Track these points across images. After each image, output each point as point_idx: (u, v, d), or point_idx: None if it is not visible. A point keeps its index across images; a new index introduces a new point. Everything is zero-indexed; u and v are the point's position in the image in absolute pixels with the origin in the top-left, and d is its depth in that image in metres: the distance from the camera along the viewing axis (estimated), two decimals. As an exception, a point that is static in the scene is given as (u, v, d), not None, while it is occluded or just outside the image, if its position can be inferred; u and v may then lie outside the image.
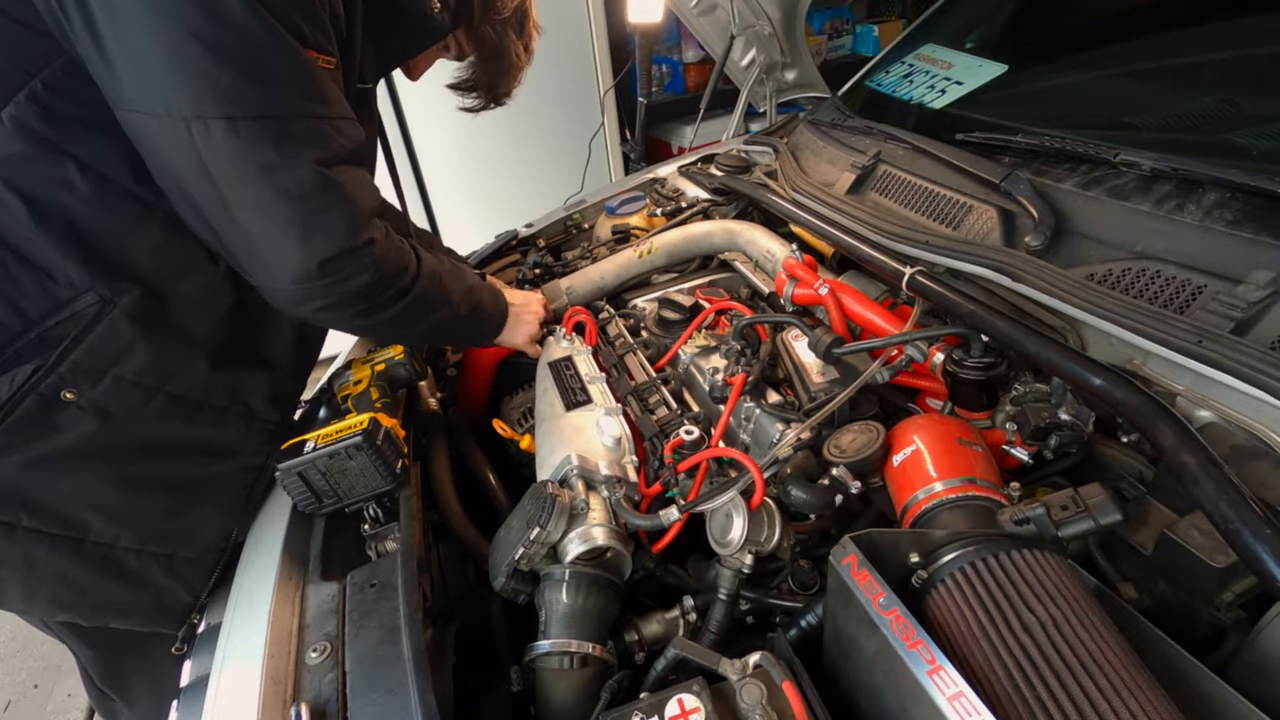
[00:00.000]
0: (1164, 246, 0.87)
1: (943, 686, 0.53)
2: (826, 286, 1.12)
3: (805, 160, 1.54)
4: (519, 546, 0.83)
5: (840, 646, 0.71)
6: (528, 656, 0.79)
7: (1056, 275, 0.90)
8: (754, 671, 0.64)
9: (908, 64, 1.55)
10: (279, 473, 0.93)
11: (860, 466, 0.84)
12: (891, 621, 0.58)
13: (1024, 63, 1.40)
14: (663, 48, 3.64)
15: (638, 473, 0.98)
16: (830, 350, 1.01)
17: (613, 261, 1.47)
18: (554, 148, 3.37)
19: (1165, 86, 1.23)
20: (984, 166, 1.10)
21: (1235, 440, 0.73)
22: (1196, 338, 0.74)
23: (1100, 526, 0.67)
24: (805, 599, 0.87)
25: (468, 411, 1.39)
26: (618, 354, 1.25)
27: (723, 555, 0.85)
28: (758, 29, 2.35)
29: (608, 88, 3.27)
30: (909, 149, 1.29)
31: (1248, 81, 1.12)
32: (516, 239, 1.81)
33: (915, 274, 1.01)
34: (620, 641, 0.84)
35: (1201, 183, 0.88)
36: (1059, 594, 0.61)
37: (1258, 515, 0.57)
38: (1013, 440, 0.87)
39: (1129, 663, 0.56)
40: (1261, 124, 1.00)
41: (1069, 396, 0.87)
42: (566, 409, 1.04)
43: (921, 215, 1.18)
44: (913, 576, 0.67)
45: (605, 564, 0.85)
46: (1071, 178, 1.01)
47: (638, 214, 1.75)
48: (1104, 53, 1.37)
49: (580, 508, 0.86)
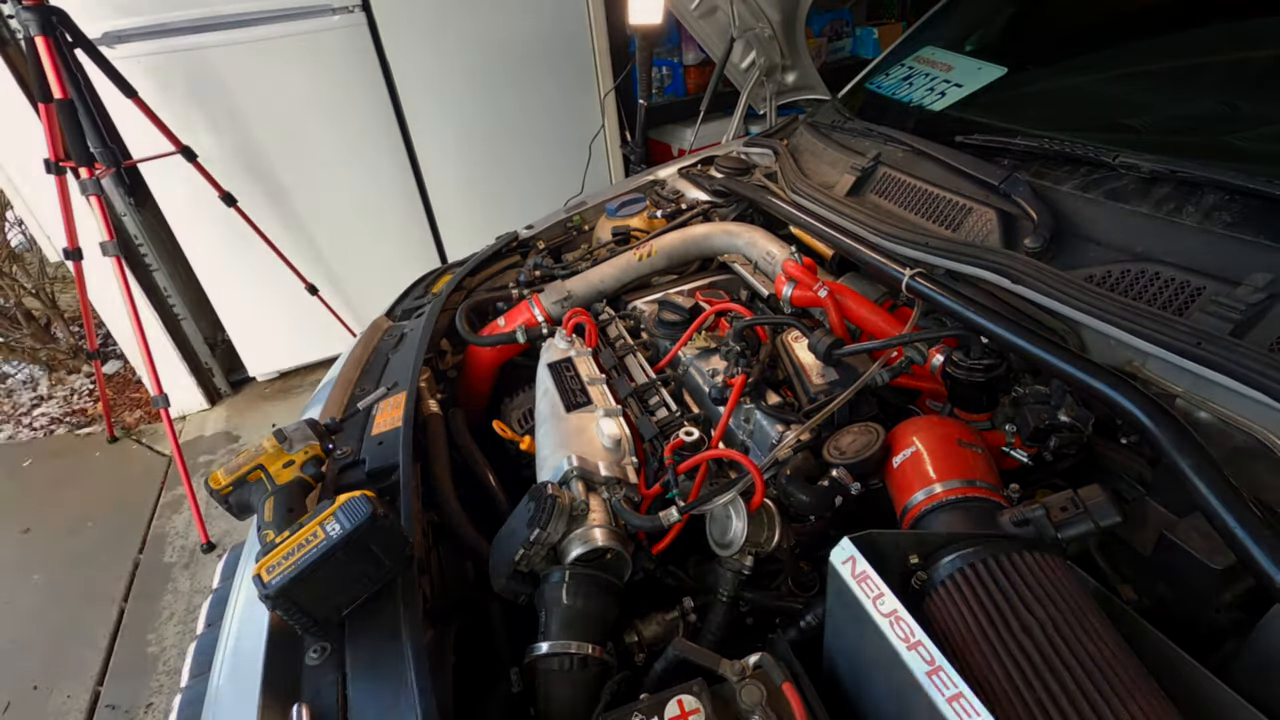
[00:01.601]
0: (1163, 248, 0.87)
1: (942, 687, 0.53)
2: (826, 288, 1.13)
3: (805, 162, 1.54)
4: (519, 547, 0.83)
5: (840, 648, 0.71)
6: (528, 658, 0.79)
7: (1056, 277, 0.90)
8: (754, 672, 0.64)
9: (907, 66, 1.56)
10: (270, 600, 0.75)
11: (860, 468, 0.84)
12: (891, 622, 0.58)
13: (1023, 65, 1.40)
14: (663, 50, 3.65)
15: (638, 474, 0.98)
16: (830, 352, 1.01)
17: (613, 264, 1.48)
18: (554, 150, 3.38)
19: (1164, 89, 1.23)
20: (983, 169, 1.11)
21: (1234, 442, 0.73)
22: (1195, 339, 0.74)
23: (1099, 528, 0.67)
24: (805, 600, 0.87)
25: (468, 412, 1.39)
26: (618, 355, 1.25)
27: (723, 557, 0.85)
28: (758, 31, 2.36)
29: (608, 90, 3.28)
30: (909, 151, 1.29)
31: (1246, 84, 1.12)
32: (516, 241, 1.81)
33: (915, 276, 1.01)
34: (620, 643, 0.84)
35: (1200, 185, 0.88)
36: (1058, 595, 0.61)
37: (1256, 517, 0.57)
38: (1012, 442, 0.87)
39: (1128, 664, 0.56)
40: (1260, 126, 1.00)
41: (1068, 398, 0.87)
42: (566, 410, 1.05)
43: (921, 217, 1.18)
44: (912, 577, 0.67)
45: (605, 565, 0.85)
46: (1071, 180, 1.02)
47: (638, 216, 1.75)
48: (1103, 55, 1.38)
49: (580, 509, 0.86)
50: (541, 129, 3.34)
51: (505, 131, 3.26)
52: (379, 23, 2.83)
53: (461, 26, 2.96)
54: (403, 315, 1.64)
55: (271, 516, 0.89)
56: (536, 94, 3.25)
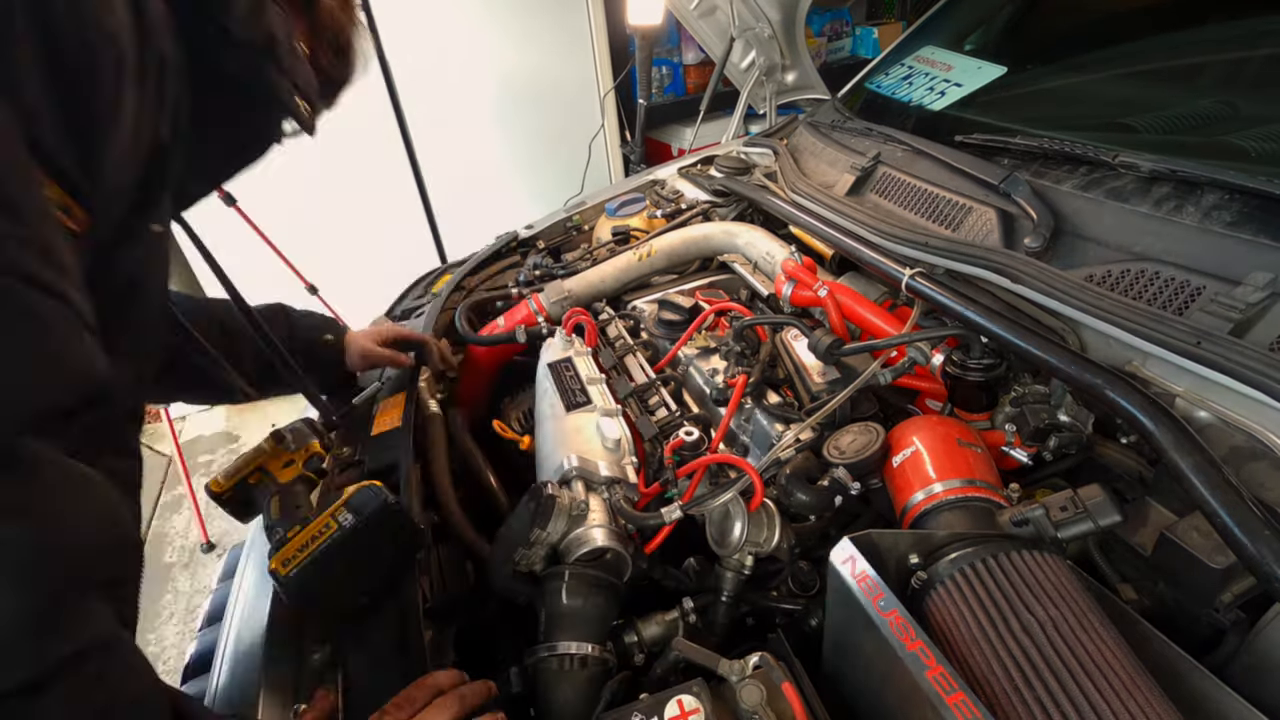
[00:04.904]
0: (1163, 248, 0.87)
1: (942, 687, 0.53)
2: (825, 288, 1.13)
3: (805, 162, 1.54)
4: (519, 547, 0.83)
5: (840, 647, 0.71)
6: (528, 658, 0.79)
7: (1055, 277, 0.90)
8: (754, 673, 0.64)
9: (907, 66, 1.56)
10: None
11: (860, 467, 0.84)
12: (891, 622, 0.58)
13: (1023, 65, 1.40)
14: (663, 50, 3.65)
15: (638, 474, 0.98)
16: (830, 351, 1.01)
17: (613, 264, 1.47)
18: (554, 149, 3.38)
19: (1164, 88, 1.23)
20: (983, 168, 1.11)
21: (1234, 441, 0.73)
22: (1195, 339, 0.74)
23: (1099, 528, 0.67)
24: (805, 600, 0.87)
25: (468, 412, 1.39)
26: (617, 355, 1.25)
27: (723, 556, 0.85)
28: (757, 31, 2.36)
29: (608, 90, 3.28)
30: (908, 151, 1.29)
31: (1246, 83, 1.12)
32: (516, 240, 1.81)
33: (914, 275, 1.01)
34: (620, 643, 0.84)
35: (1200, 184, 0.88)
36: (1058, 595, 0.61)
37: (1256, 516, 0.57)
38: (1012, 441, 0.87)
39: (1128, 664, 0.56)
40: (1259, 125, 1.00)
41: (1068, 398, 0.87)
42: (566, 410, 1.04)
43: (921, 217, 1.18)
44: (912, 577, 0.67)
45: (605, 565, 0.85)
46: (1070, 179, 1.02)
47: (637, 215, 1.75)
48: (1103, 55, 1.38)
49: (580, 509, 0.86)
50: (541, 128, 3.34)
51: (505, 131, 3.26)
52: (379, 22, 2.82)
53: (462, 26, 2.96)
54: (403, 315, 1.64)
55: (279, 514, 0.90)
56: (536, 93, 3.25)
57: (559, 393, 1.09)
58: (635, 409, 1.11)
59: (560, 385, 1.11)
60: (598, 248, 1.69)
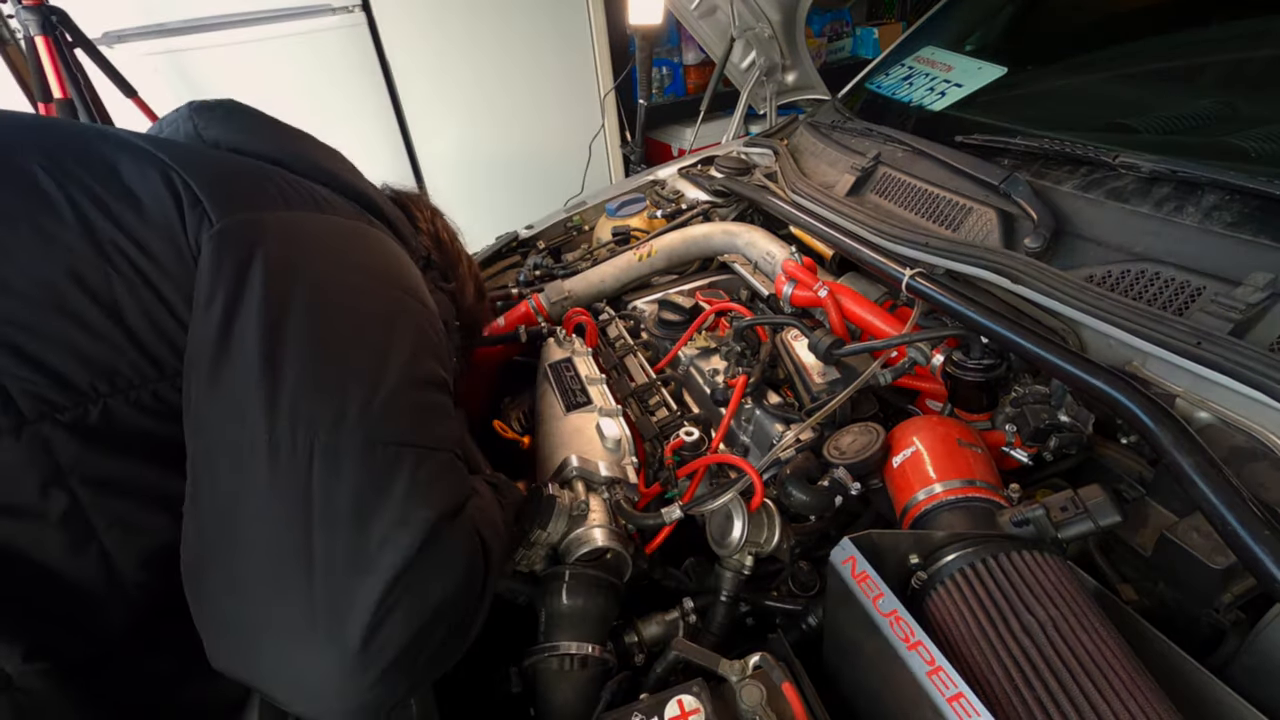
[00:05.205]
0: (1163, 248, 0.87)
1: (942, 687, 0.53)
2: (825, 288, 1.13)
3: (805, 162, 1.54)
4: (518, 547, 0.83)
5: (840, 648, 0.71)
6: (528, 658, 0.79)
7: (1056, 277, 0.90)
8: (754, 673, 0.64)
9: (907, 66, 1.56)
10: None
11: (860, 468, 0.84)
12: (891, 622, 0.58)
13: (1023, 65, 1.40)
14: (663, 50, 3.65)
15: (638, 474, 0.98)
16: (830, 351, 1.01)
17: (613, 264, 1.47)
18: (554, 149, 3.37)
19: (1164, 89, 1.23)
20: (983, 169, 1.11)
21: (1234, 442, 0.73)
22: (1195, 339, 0.74)
23: (1100, 528, 0.67)
24: (805, 600, 0.87)
25: (468, 411, 1.39)
26: (618, 355, 1.25)
27: (723, 557, 0.85)
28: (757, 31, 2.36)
29: (608, 90, 3.28)
30: (909, 151, 1.29)
31: (1246, 84, 1.12)
32: (517, 241, 1.81)
33: (915, 276, 1.01)
34: (620, 643, 0.84)
35: (1200, 185, 0.88)
36: (1058, 595, 0.61)
37: (1257, 517, 0.57)
38: (1012, 442, 0.87)
39: (1128, 664, 0.56)
40: (1260, 126, 1.00)
41: (1068, 398, 0.87)
42: (567, 410, 1.05)
43: (921, 217, 1.18)
44: (912, 578, 0.67)
45: (605, 565, 0.85)
46: (1071, 180, 1.02)
47: (638, 216, 1.75)
48: (1103, 55, 1.38)
49: (580, 509, 0.86)
50: (542, 128, 3.34)
51: (505, 131, 3.26)
52: (379, 22, 2.83)
53: (462, 26, 2.96)
54: (403, 315, 1.63)
55: None
56: (536, 94, 3.25)
57: (559, 393, 1.09)
58: (635, 409, 1.11)
59: (560, 385, 1.11)
60: (598, 248, 1.69)
